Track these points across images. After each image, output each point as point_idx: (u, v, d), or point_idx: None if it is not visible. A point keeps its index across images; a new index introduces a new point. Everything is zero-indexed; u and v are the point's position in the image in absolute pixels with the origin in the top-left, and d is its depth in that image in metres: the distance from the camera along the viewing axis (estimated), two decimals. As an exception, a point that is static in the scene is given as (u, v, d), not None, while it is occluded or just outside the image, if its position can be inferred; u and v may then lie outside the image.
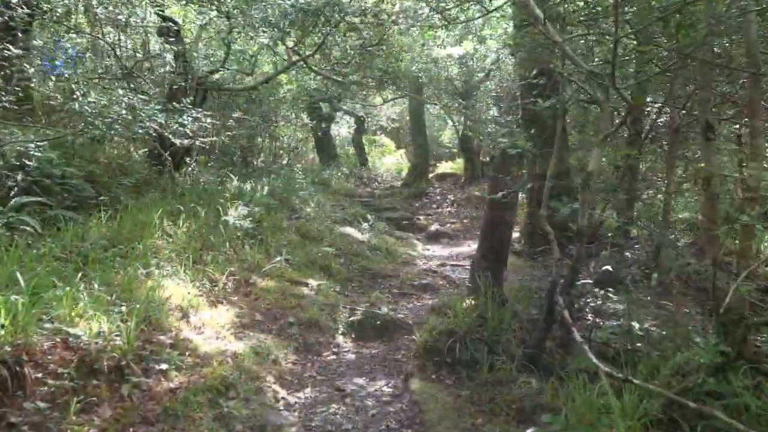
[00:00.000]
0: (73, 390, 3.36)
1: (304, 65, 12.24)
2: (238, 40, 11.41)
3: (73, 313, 3.87)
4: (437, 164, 18.98)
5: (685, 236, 7.71)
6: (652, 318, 5.81)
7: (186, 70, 10.00)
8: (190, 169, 10.23)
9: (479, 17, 9.20)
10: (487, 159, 15.68)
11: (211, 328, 4.92)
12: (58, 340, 3.59)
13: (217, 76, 12.66)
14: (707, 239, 4.29)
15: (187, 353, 4.36)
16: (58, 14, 8.45)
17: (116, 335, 3.86)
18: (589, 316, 6.13)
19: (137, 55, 11.53)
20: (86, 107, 5.56)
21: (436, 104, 15.27)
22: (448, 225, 12.09)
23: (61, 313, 3.84)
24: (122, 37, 12.40)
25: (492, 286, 5.12)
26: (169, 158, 8.45)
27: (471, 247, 10.35)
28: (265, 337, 5.18)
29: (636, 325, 5.36)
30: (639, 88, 3.63)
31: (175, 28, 9.80)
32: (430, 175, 16.66)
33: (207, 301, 5.32)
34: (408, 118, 18.19)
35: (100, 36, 9.10)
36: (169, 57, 10.52)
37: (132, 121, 5.84)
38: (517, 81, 11.75)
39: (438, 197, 14.57)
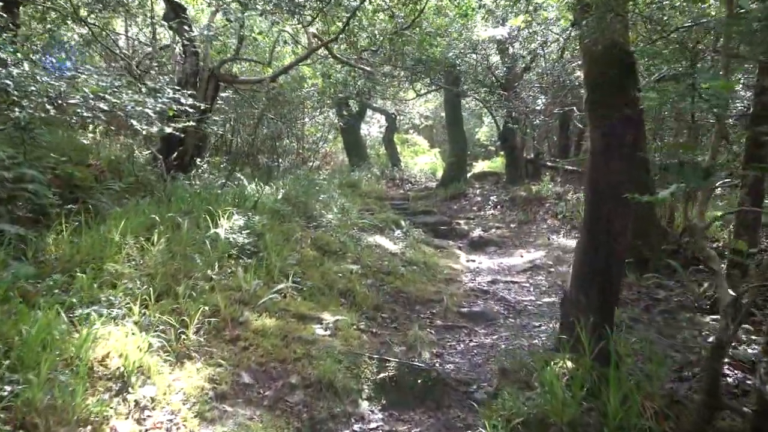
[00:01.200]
0: None
1: (327, 53, 10.35)
2: (254, 24, 9.62)
3: None
4: (473, 163, 16.94)
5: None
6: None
7: (195, 58, 8.26)
8: (200, 171, 8.51)
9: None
10: (531, 155, 13.51)
11: (164, 408, 3.01)
12: None
13: (235, 69, 10.94)
14: None
15: (104, 468, 2.46)
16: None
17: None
18: (727, 370, 4.03)
19: (141, 44, 9.86)
20: (7, 81, 3.72)
21: (476, 96, 13.14)
22: (493, 230, 9.98)
23: None
24: (129, 29, 10.80)
25: (601, 338, 3.07)
26: (161, 157, 6.70)
27: (524, 257, 8.25)
28: (250, 415, 3.25)
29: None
30: None
31: (182, 11, 8.10)
32: (468, 175, 14.56)
33: (168, 357, 3.43)
34: (443, 114, 16.13)
35: (89, 22, 7.35)
36: (179, 49, 8.87)
37: (79, 103, 3.98)
38: (575, 62, 9.61)
39: (479, 198, 12.46)
